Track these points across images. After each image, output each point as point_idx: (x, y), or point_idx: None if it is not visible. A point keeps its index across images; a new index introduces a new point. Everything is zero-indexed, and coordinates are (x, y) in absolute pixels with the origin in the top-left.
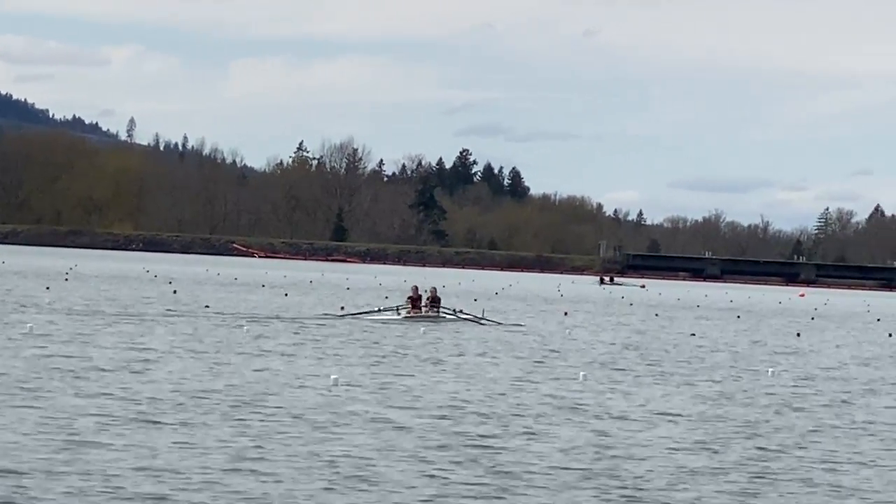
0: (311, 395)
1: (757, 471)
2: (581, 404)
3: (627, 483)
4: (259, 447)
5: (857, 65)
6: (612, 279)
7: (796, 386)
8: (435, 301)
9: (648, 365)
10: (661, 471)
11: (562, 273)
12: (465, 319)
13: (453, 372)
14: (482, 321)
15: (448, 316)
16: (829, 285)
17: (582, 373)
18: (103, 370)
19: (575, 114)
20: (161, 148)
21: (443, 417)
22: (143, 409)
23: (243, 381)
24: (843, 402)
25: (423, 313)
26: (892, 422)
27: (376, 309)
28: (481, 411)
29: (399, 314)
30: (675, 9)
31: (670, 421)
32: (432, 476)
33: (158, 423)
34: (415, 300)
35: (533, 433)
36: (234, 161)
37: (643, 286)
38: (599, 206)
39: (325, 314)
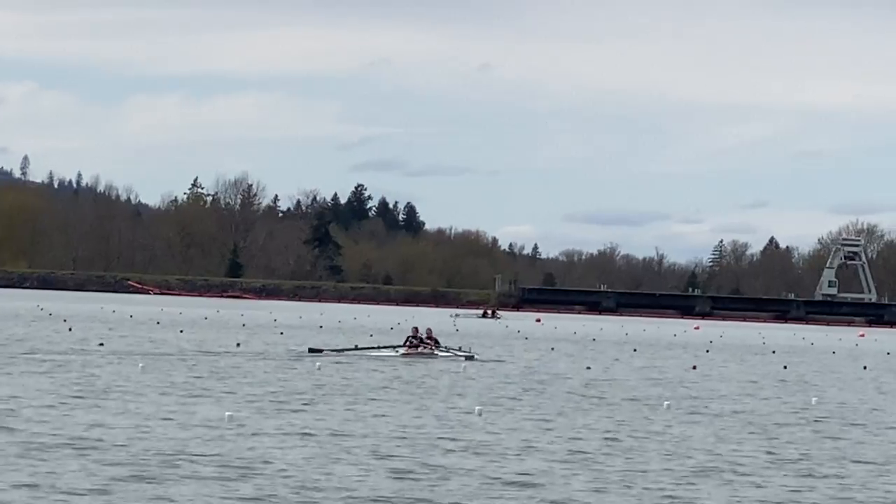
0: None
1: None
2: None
3: None
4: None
5: (753, 98)
6: (493, 313)
7: (692, 417)
8: (430, 339)
9: (546, 399)
10: None
11: (456, 307)
12: (459, 356)
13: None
14: (474, 357)
15: (442, 354)
16: (724, 317)
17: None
18: None
19: (471, 148)
20: (55, 185)
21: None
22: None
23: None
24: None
25: (419, 351)
26: (786, 456)
27: (376, 346)
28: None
29: (397, 352)
30: (570, 43)
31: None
32: None
33: None
34: (412, 339)
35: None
36: (129, 198)
37: (538, 320)
38: (495, 241)
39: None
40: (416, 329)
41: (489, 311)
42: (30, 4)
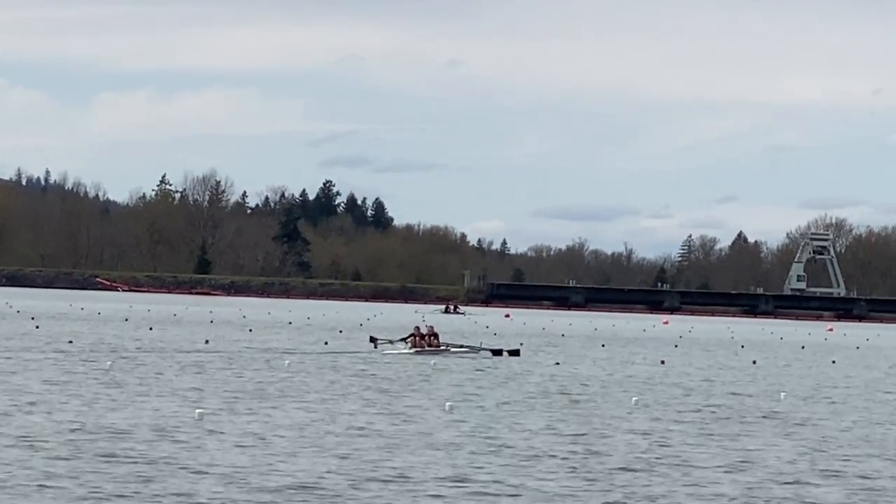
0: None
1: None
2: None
3: None
4: None
5: (722, 93)
6: (455, 308)
7: (659, 413)
8: (434, 336)
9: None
10: None
11: (426, 303)
12: (465, 350)
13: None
14: (480, 350)
15: (452, 350)
16: (693, 312)
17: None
18: None
19: (439, 144)
20: (23, 182)
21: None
22: None
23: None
24: (702, 432)
25: (426, 347)
26: (753, 448)
27: (388, 341)
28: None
29: (407, 348)
30: (539, 39)
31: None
32: None
33: None
34: (417, 336)
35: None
36: (97, 195)
37: (507, 316)
38: (463, 236)
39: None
40: (417, 328)
41: (451, 307)
42: None
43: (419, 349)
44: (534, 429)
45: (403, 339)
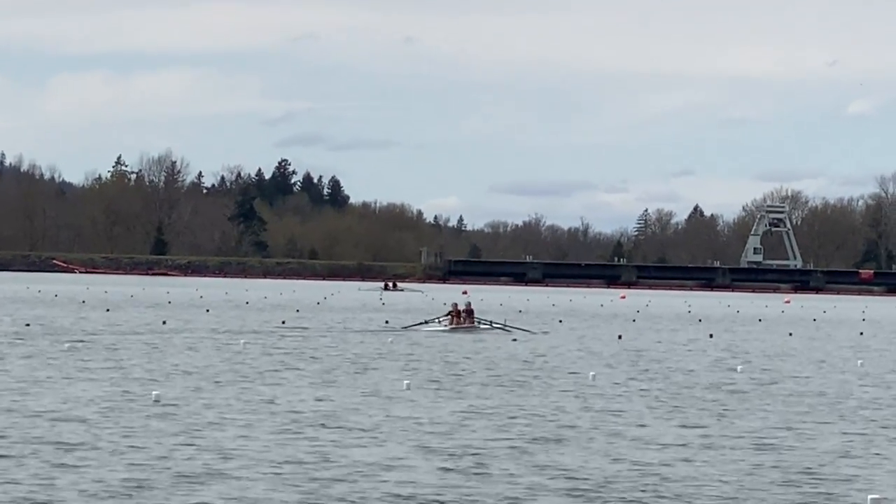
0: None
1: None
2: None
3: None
4: None
5: (678, 66)
6: (395, 285)
7: (617, 389)
8: (469, 313)
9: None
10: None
11: (382, 280)
12: (497, 328)
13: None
14: (507, 328)
15: (482, 325)
16: (650, 286)
17: (406, 382)
18: None
19: (395, 121)
20: None
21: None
22: None
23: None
24: (658, 403)
25: (462, 324)
26: (709, 422)
27: (423, 321)
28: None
29: (443, 325)
30: (494, 14)
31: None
32: None
33: None
34: (455, 313)
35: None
36: (53, 177)
37: (465, 292)
38: (420, 213)
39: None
40: (455, 304)
41: (391, 284)
42: None
43: (455, 326)
44: (481, 405)
45: (438, 319)
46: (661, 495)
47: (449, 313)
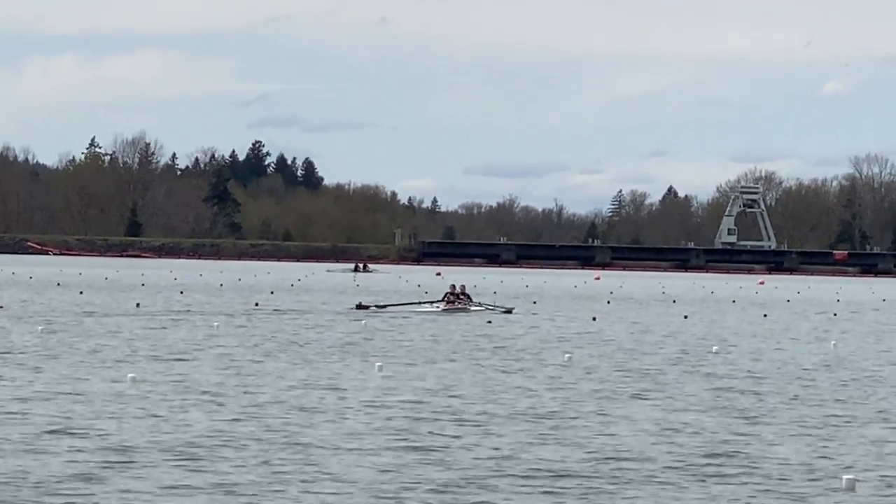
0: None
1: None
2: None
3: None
4: None
5: (652, 47)
6: (365, 266)
7: (589, 372)
8: (464, 295)
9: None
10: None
11: (356, 262)
12: (490, 309)
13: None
14: (500, 309)
15: (475, 308)
16: (624, 268)
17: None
18: None
19: (369, 103)
20: None
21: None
22: None
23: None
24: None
25: (456, 306)
26: (680, 404)
27: (416, 302)
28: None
29: (437, 307)
30: None
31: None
32: None
33: None
34: (450, 295)
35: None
36: (27, 158)
37: (439, 274)
38: (394, 195)
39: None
40: (452, 286)
41: (361, 265)
42: None
43: (448, 308)
44: (453, 385)
45: (432, 301)
46: (623, 477)
47: (445, 295)
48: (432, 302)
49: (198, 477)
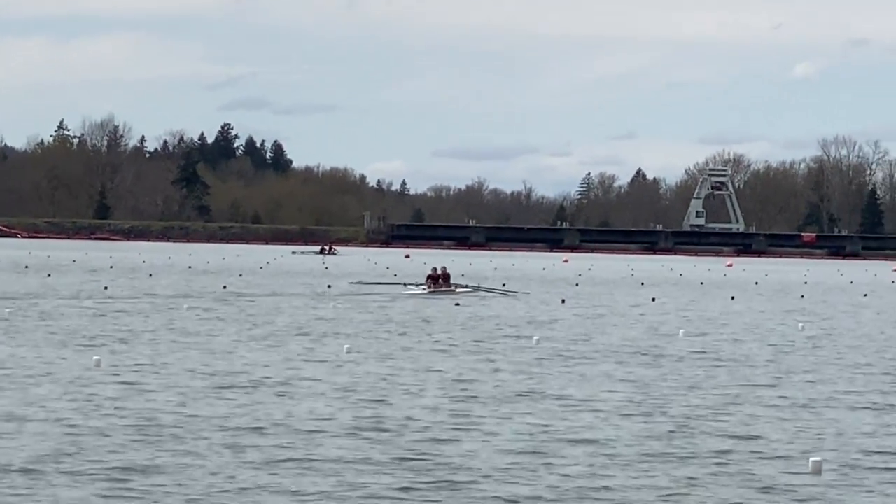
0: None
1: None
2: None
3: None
4: None
5: (620, 30)
6: (331, 249)
7: (559, 354)
8: (445, 278)
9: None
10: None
11: (324, 244)
12: (469, 290)
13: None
14: (479, 290)
15: (459, 290)
16: (593, 250)
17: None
18: None
19: (338, 85)
20: None
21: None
22: None
23: None
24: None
25: (440, 287)
26: (651, 388)
27: (403, 283)
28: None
29: (421, 289)
30: None
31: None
32: None
33: None
34: (433, 277)
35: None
36: None
37: (407, 256)
38: (363, 178)
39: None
40: (434, 269)
41: (326, 248)
42: None
43: (433, 290)
44: (423, 369)
45: (417, 284)
46: (585, 462)
47: (428, 277)
48: (417, 284)
49: (163, 457)
